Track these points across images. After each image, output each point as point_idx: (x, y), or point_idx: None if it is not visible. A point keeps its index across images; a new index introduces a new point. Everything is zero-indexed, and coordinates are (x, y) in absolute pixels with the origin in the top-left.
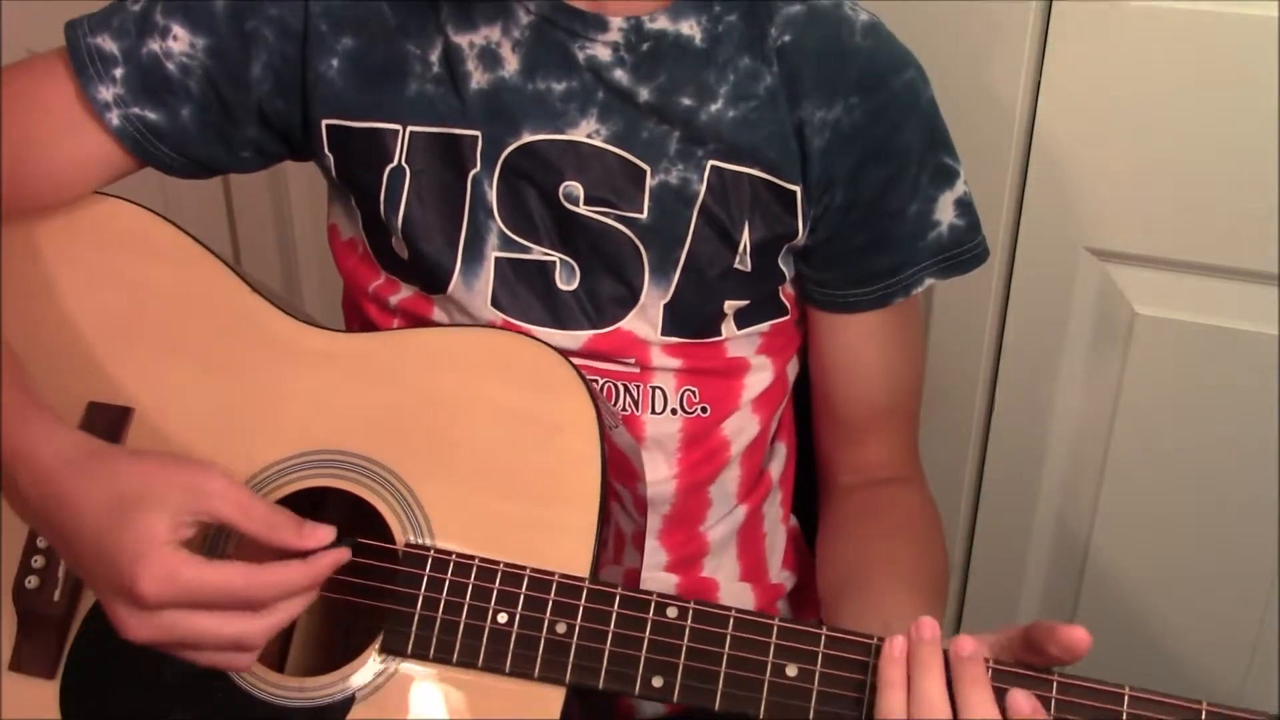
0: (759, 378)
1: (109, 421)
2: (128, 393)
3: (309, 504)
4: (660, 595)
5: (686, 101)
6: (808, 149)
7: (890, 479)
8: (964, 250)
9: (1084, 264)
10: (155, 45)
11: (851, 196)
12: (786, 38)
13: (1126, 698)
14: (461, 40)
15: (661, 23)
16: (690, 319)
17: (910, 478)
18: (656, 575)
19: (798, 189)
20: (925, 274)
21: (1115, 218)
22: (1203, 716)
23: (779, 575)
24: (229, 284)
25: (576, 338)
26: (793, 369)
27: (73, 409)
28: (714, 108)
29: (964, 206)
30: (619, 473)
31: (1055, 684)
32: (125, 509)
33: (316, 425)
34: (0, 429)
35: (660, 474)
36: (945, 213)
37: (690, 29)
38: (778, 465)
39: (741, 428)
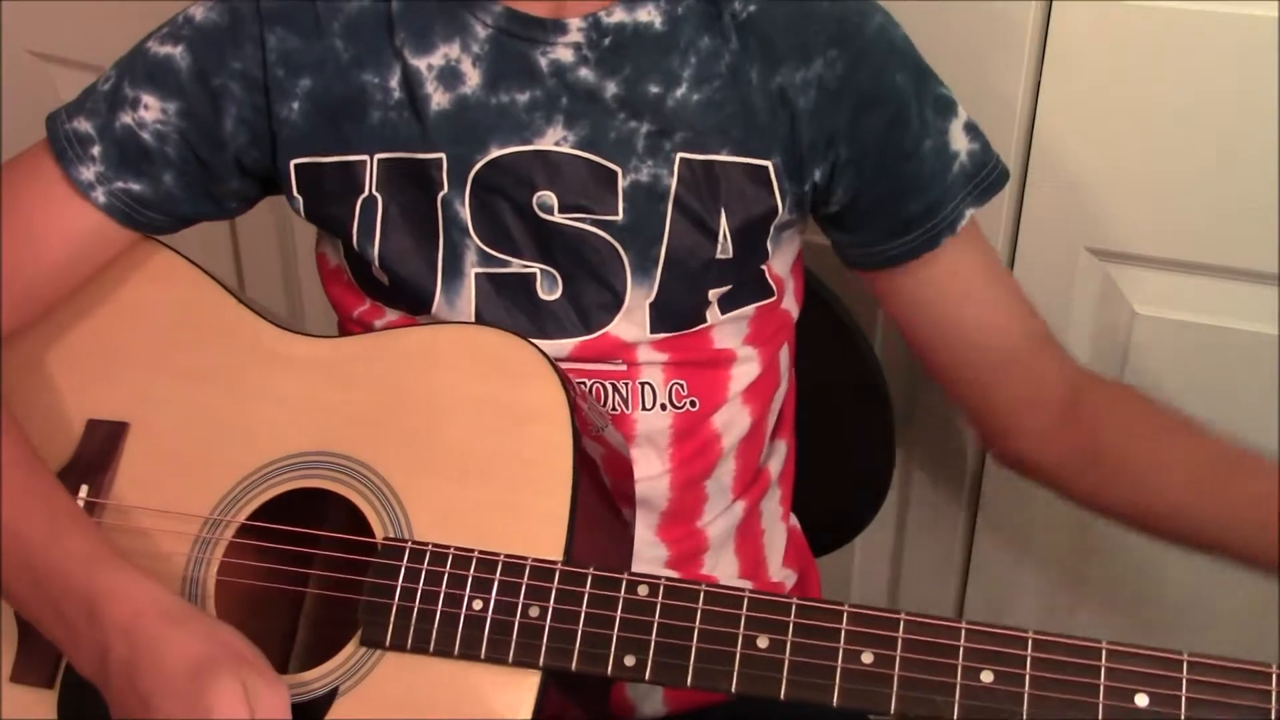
0: (746, 369)
1: (107, 437)
2: (124, 408)
3: (297, 505)
4: (631, 574)
5: (653, 89)
6: (795, 112)
7: (1089, 381)
8: (989, 171)
9: (1084, 264)
10: (128, 118)
11: (858, 149)
12: (751, 8)
13: (1104, 651)
14: (420, 63)
15: (619, 15)
16: (676, 313)
17: (1098, 376)
18: (656, 571)
19: (769, 164)
20: (963, 206)
21: (1115, 218)
22: (1184, 667)
23: (779, 573)
24: (217, 298)
25: (563, 346)
26: (784, 360)
27: (73, 427)
28: (679, 93)
29: (972, 129)
30: (618, 471)
31: (1030, 641)
32: (203, 670)
33: (301, 428)
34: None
35: (654, 470)
36: (959, 141)
37: (649, 15)
38: (777, 463)
39: (732, 420)
